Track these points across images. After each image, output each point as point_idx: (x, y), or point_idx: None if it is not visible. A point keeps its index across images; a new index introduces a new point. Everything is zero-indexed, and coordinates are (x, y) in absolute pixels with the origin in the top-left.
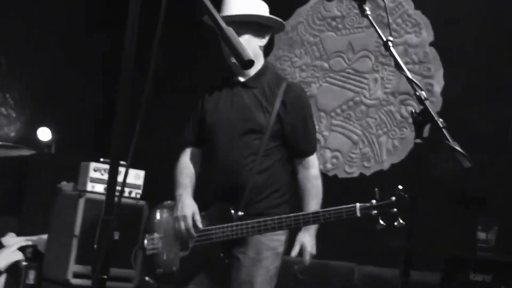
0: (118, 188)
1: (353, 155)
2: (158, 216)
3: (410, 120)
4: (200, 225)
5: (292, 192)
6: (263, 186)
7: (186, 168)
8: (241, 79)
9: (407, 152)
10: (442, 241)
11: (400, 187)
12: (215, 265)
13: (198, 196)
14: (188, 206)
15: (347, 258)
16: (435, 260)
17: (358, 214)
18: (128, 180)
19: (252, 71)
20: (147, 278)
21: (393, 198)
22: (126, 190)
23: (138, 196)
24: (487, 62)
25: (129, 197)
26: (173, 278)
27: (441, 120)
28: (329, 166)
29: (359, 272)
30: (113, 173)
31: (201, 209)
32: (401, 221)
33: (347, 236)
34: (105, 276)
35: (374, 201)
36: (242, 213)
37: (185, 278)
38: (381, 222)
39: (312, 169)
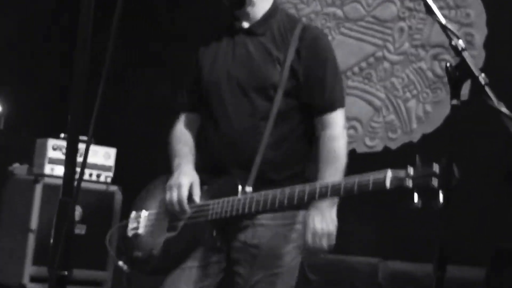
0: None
1: (375, 125)
2: (150, 189)
3: (445, 78)
4: (197, 198)
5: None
6: (277, 162)
7: (183, 135)
8: (245, 24)
9: (442, 119)
10: (487, 229)
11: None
12: (206, 248)
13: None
14: (186, 175)
15: (369, 252)
16: (478, 253)
17: (388, 184)
18: (96, 160)
19: (259, 13)
20: (120, 263)
21: (436, 167)
22: (94, 172)
23: (109, 179)
24: None
25: (97, 181)
26: (151, 264)
27: (483, 75)
28: None
29: (384, 269)
30: (71, 148)
31: (202, 184)
32: (442, 200)
33: (368, 225)
34: (66, 272)
35: (411, 170)
36: (251, 189)
37: (166, 266)
38: (417, 199)
39: (330, 129)
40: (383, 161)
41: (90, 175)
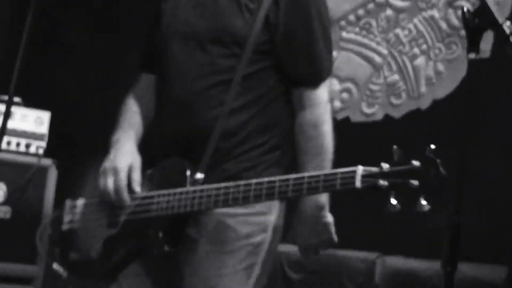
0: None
1: (374, 87)
2: (92, 170)
3: (463, 30)
4: (137, 187)
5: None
6: (238, 134)
7: (134, 104)
8: None
9: (458, 81)
10: (508, 221)
11: (432, 147)
12: (151, 253)
13: (147, 147)
14: (124, 155)
15: (365, 246)
16: (498, 249)
17: (358, 184)
18: (25, 126)
19: None
20: (55, 266)
21: (417, 163)
22: (22, 141)
23: (41, 151)
24: None
25: (26, 153)
26: (90, 269)
27: (508, 23)
28: (337, 104)
29: (382, 266)
30: None
31: (149, 166)
32: (423, 203)
33: (364, 213)
34: None
35: (386, 165)
36: (202, 176)
37: (107, 271)
38: (393, 201)
39: (312, 109)
40: (384, 133)
41: (18, 144)
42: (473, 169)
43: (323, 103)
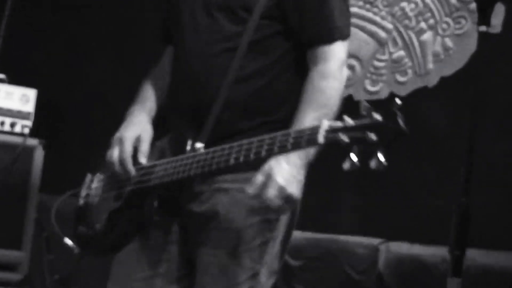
0: None
1: (378, 64)
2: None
3: (472, 3)
4: (142, 158)
5: None
6: (244, 105)
7: (155, 77)
8: None
9: (466, 57)
10: None
11: (398, 101)
12: (147, 224)
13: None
14: (132, 126)
15: (368, 231)
16: (509, 235)
17: (321, 139)
18: (9, 104)
19: None
20: (66, 240)
21: (378, 116)
22: (6, 120)
23: (27, 130)
24: None
25: (11, 132)
26: (94, 242)
27: None
28: None
29: (386, 252)
30: None
31: (160, 137)
32: (381, 159)
33: (368, 196)
34: None
35: (349, 119)
36: (202, 145)
37: (108, 244)
38: (353, 157)
39: (325, 63)
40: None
41: (2, 123)
42: (483, 150)
43: (338, 60)
